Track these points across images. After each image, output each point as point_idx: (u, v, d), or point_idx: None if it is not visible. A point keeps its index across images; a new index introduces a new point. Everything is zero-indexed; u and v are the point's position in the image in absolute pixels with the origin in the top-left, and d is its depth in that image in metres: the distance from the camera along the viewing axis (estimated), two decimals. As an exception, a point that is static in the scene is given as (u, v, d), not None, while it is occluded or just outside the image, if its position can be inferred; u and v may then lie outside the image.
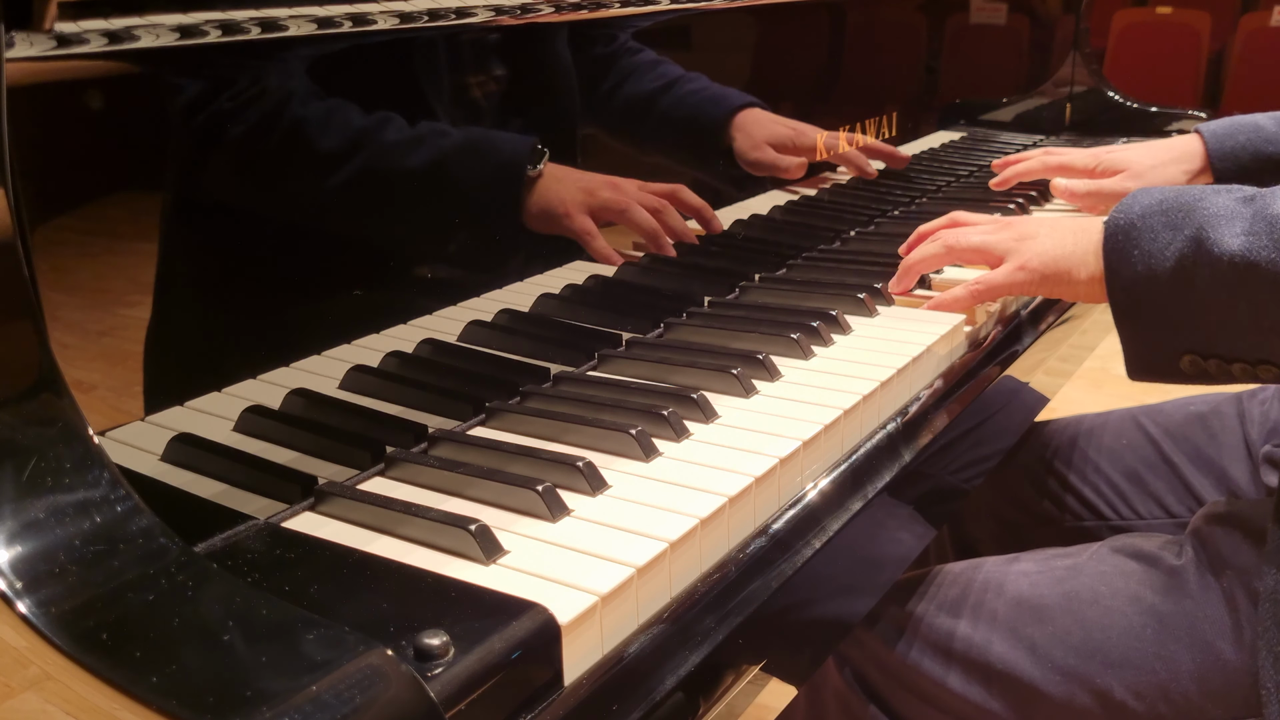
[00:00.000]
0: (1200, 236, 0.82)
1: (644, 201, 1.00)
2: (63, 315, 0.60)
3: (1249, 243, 0.79)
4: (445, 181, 0.82)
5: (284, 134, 0.70)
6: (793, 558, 0.71)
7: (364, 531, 0.65)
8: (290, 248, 0.73)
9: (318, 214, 0.74)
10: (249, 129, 0.68)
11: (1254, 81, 4.92)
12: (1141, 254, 0.85)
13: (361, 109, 0.74)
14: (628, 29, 0.97)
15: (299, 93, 0.70)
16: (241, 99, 0.67)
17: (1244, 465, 1.12)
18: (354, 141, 0.74)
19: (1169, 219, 0.85)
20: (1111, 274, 0.87)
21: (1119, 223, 0.87)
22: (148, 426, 0.66)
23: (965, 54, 1.67)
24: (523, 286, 0.91)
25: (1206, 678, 0.83)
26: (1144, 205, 0.87)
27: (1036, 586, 0.92)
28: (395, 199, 0.79)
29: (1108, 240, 0.88)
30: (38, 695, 0.50)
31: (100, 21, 0.57)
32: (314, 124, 0.72)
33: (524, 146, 0.88)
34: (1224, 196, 0.84)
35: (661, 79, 1.00)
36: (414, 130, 0.78)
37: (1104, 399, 2.91)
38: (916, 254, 1.05)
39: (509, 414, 0.80)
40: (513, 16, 0.84)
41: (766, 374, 0.86)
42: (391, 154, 0.77)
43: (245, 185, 0.69)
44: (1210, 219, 0.82)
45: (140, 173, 0.64)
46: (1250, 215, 0.81)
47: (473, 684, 0.50)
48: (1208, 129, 1.30)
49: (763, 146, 1.13)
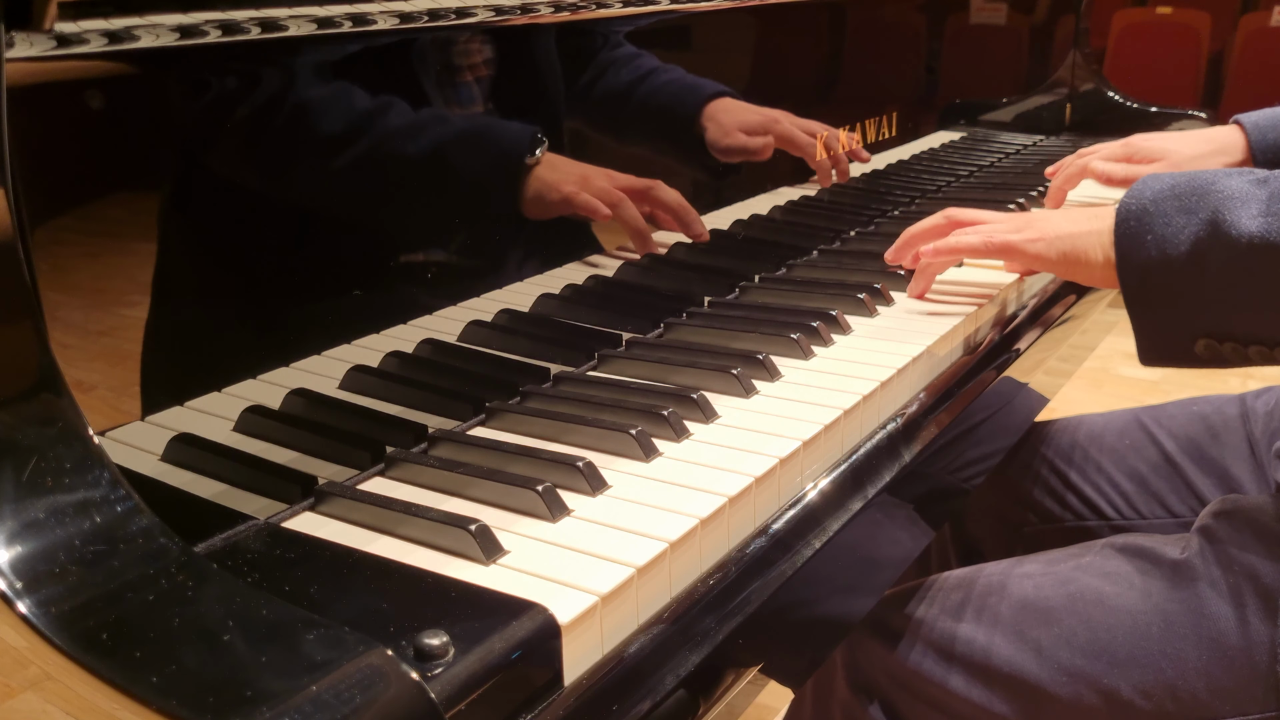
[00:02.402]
0: (1216, 219, 0.82)
1: (608, 195, 0.98)
2: (63, 315, 0.60)
3: (1267, 224, 0.80)
4: (447, 170, 0.82)
5: (283, 133, 0.70)
6: (793, 558, 0.71)
7: (364, 531, 0.65)
8: (290, 247, 0.73)
9: (318, 213, 0.74)
10: (248, 129, 0.68)
11: (1254, 81, 4.92)
12: (1155, 238, 0.85)
13: (358, 104, 0.74)
14: (627, 29, 0.97)
15: (298, 91, 0.70)
16: (241, 99, 0.67)
17: (1247, 465, 1.12)
18: (352, 137, 0.74)
19: (1182, 203, 0.85)
20: (1123, 259, 0.88)
21: (1130, 208, 0.88)
22: (148, 426, 0.66)
23: (965, 54, 1.67)
24: (523, 286, 0.91)
25: (1214, 674, 0.83)
26: (1155, 190, 0.87)
27: (1040, 588, 0.92)
28: (395, 192, 0.79)
29: (1119, 225, 0.88)
30: (38, 695, 0.50)
31: (100, 21, 0.57)
32: (313, 121, 0.72)
33: (524, 134, 0.88)
34: (1237, 179, 0.85)
35: (637, 71, 0.99)
36: (416, 122, 0.78)
37: (1104, 399, 2.91)
38: (925, 260, 1.04)
39: (509, 414, 0.80)
40: (511, 17, 0.84)
41: (766, 374, 0.86)
42: (392, 146, 0.77)
43: (244, 184, 0.69)
44: (1225, 201, 0.83)
45: (140, 173, 0.64)
46: (1266, 197, 0.81)
47: (473, 684, 0.50)
48: (1249, 120, 1.27)
49: (733, 133, 1.11)
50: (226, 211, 0.69)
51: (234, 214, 0.69)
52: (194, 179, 0.67)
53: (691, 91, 1.07)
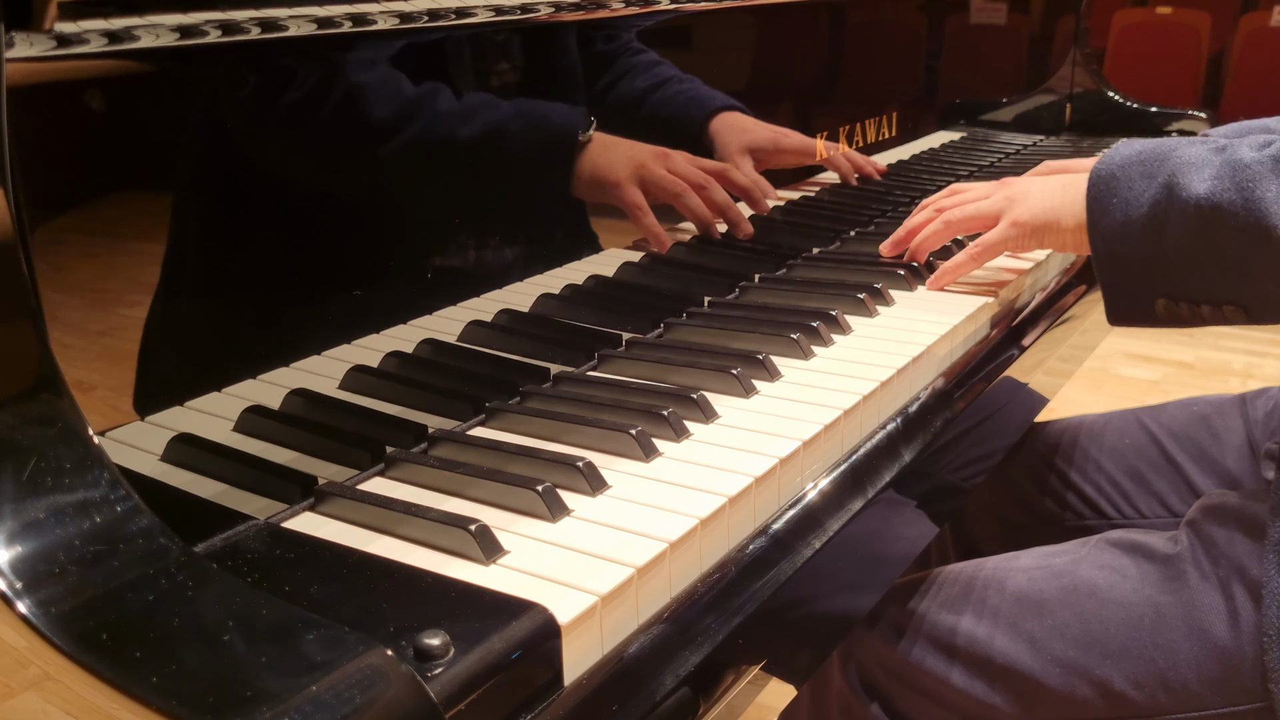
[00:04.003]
0: (1171, 183, 0.88)
1: (692, 178, 1.02)
2: (63, 315, 0.60)
3: (1214, 187, 0.85)
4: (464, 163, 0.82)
5: (283, 133, 0.70)
6: (793, 558, 0.71)
7: (364, 531, 0.65)
8: (290, 247, 0.73)
9: (318, 213, 0.74)
10: (248, 129, 0.68)
11: (1254, 81, 4.92)
12: (1120, 202, 0.91)
13: (360, 104, 0.74)
14: (627, 29, 0.97)
15: (298, 91, 0.70)
16: (241, 99, 0.68)
17: (1248, 464, 1.12)
18: (354, 137, 0.75)
19: (1145, 168, 0.91)
20: (1093, 223, 0.93)
21: (1100, 173, 0.94)
22: (148, 426, 0.66)
23: (965, 54, 1.67)
24: (523, 286, 0.91)
25: (1204, 666, 0.84)
26: (1124, 156, 0.93)
27: (1035, 581, 0.92)
28: (395, 192, 0.79)
29: (1090, 189, 0.94)
30: (38, 695, 0.50)
31: (100, 21, 0.57)
32: (313, 121, 0.72)
33: (576, 116, 0.90)
34: (1198, 146, 0.90)
35: (654, 79, 1.00)
36: (417, 120, 0.78)
37: (1104, 399, 2.91)
38: (921, 236, 1.09)
39: (509, 414, 0.80)
40: (511, 15, 0.84)
41: (766, 374, 0.86)
42: (394, 145, 0.77)
43: (243, 184, 0.69)
44: (1181, 166, 0.88)
45: (140, 173, 0.64)
46: (1219, 163, 0.87)
47: (473, 684, 0.50)
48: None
49: (734, 156, 1.11)
50: (226, 211, 0.69)
51: (234, 214, 0.69)
52: (194, 179, 0.67)
53: (698, 104, 1.08)
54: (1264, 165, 0.85)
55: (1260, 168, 0.84)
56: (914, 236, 1.10)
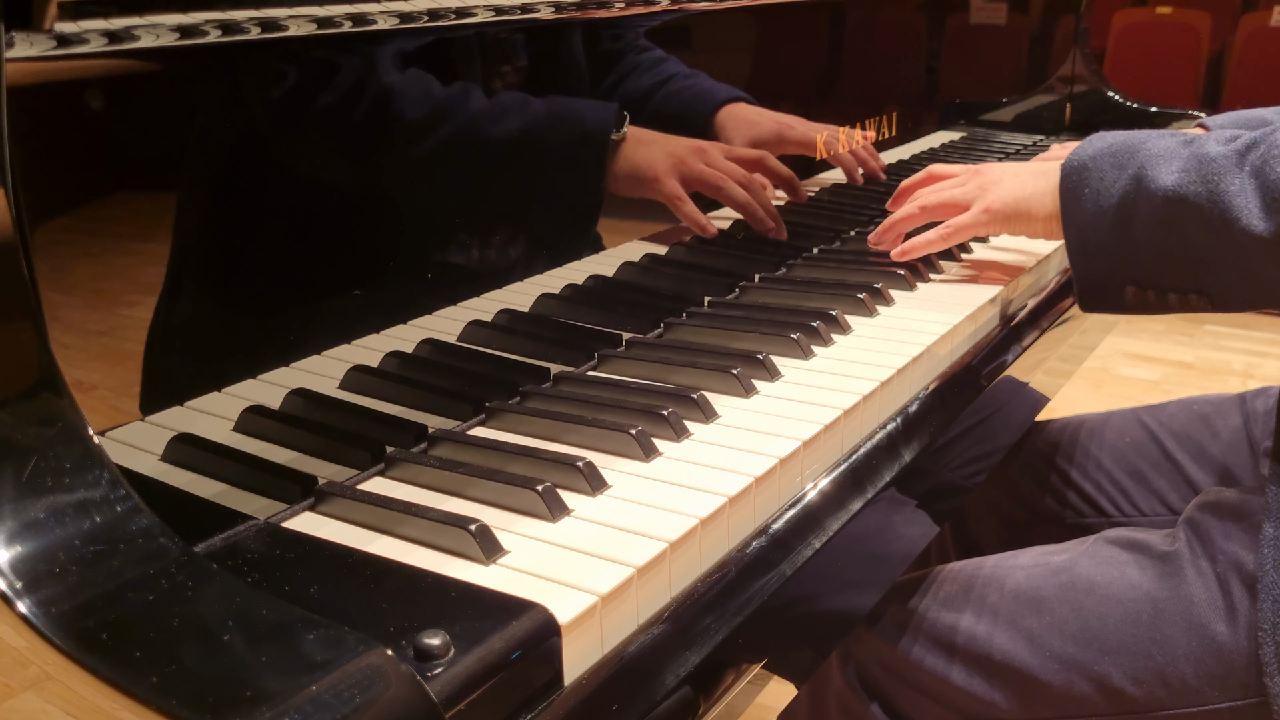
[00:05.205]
0: (1140, 174, 0.90)
1: (732, 173, 1.05)
2: (63, 315, 0.60)
3: (1180, 179, 0.88)
4: (464, 164, 0.82)
5: (284, 133, 0.70)
6: (793, 558, 0.71)
7: (364, 531, 0.65)
8: (290, 247, 0.73)
9: (318, 213, 0.74)
10: (248, 128, 0.68)
11: (1254, 81, 4.92)
12: (1091, 192, 0.94)
13: (362, 105, 0.74)
14: (628, 29, 0.97)
15: (299, 91, 0.70)
16: (241, 99, 0.67)
17: (1248, 463, 1.12)
18: (356, 137, 0.74)
19: (1116, 160, 0.93)
20: (1065, 213, 0.96)
21: (1073, 164, 0.96)
22: (148, 426, 0.66)
23: (965, 54, 1.67)
24: (523, 286, 0.91)
25: (1202, 661, 0.84)
26: (1097, 147, 0.96)
27: (1034, 579, 0.93)
28: (395, 191, 0.79)
29: (1064, 180, 0.97)
30: (38, 695, 0.50)
31: (100, 21, 0.57)
32: (313, 120, 0.72)
33: (609, 113, 0.91)
34: (1168, 139, 0.93)
35: (659, 75, 1.00)
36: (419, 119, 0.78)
37: (1104, 399, 2.91)
38: (898, 214, 1.13)
39: (509, 414, 0.80)
40: (511, 15, 0.84)
41: (766, 374, 0.86)
42: (403, 144, 0.77)
43: (244, 184, 0.69)
44: (1151, 158, 0.91)
45: (140, 173, 0.64)
46: (1186, 155, 0.89)
47: (473, 684, 0.50)
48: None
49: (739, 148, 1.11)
50: (227, 211, 0.69)
51: (234, 214, 0.69)
52: (194, 179, 0.67)
53: (703, 99, 1.08)
54: (1229, 159, 0.87)
55: (1225, 162, 0.87)
56: (895, 228, 1.14)
